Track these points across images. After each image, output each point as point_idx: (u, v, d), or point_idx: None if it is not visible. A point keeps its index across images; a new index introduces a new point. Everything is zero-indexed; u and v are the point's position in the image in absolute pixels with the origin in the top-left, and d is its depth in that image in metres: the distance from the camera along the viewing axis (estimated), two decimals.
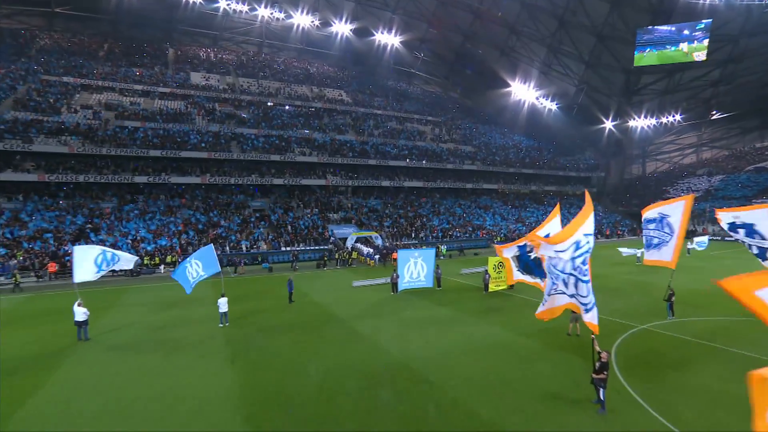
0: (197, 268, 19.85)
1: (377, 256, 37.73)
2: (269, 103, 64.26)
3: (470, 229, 53.72)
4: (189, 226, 41.19)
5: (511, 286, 24.90)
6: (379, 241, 43.00)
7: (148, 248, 36.11)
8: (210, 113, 57.33)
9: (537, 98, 75.91)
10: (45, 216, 38.93)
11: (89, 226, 38.16)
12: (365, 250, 39.54)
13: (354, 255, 40.09)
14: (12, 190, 41.60)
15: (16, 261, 31.73)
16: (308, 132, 59.54)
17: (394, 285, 25.65)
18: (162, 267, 33.80)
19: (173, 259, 34.60)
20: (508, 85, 75.70)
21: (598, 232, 59.40)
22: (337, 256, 39.47)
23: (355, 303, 23.62)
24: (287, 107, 65.17)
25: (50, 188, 43.44)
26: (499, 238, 51.04)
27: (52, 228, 37.15)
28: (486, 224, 56.68)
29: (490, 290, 25.40)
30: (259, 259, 38.15)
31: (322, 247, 41.92)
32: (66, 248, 33.53)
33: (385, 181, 58.43)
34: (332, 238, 43.60)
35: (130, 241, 36.37)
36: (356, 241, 42.82)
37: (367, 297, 25.01)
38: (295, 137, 56.96)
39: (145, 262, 33.73)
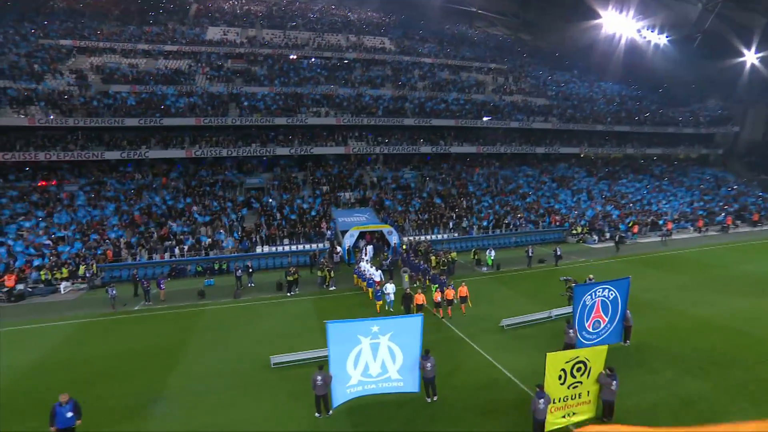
0: None
1: (377, 275, 20.55)
2: (292, 56, 50.84)
3: (539, 212, 36.70)
4: (150, 217, 30.15)
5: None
6: (393, 239, 28.58)
7: (71, 250, 25.55)
8: (217, 70, 45.56)
9: (639, 30, 53.35)
10: None
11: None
12: (363, 263, 23.27)
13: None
14: None
15: None
16: (332, 87, 45.36)
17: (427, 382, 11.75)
18: (65, 284, 22.91)
19: (87, 270, 23.71)
20: (598, 16, 53.74)
21: (739, 218, 38.77)
22: (311, 271, 25.50)
23: None
24: (313, 60, 51.27)
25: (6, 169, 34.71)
26: (578, 229, 33.77)
27: None
28: (560, 205, 39.01)
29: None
30: (219, 267, 25.98)
31: (307, 248, 28.52)
32: None
33: (425, 146, 42.96)
34: (329, 233, 29.96)
35: (49, 242, 26.01)
36: (359, 239, 28.91)
37: None
38: (313, 95, 43.22)
39: (42, 276, 22.99)
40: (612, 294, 13.99)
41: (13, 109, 34.80)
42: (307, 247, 28.98)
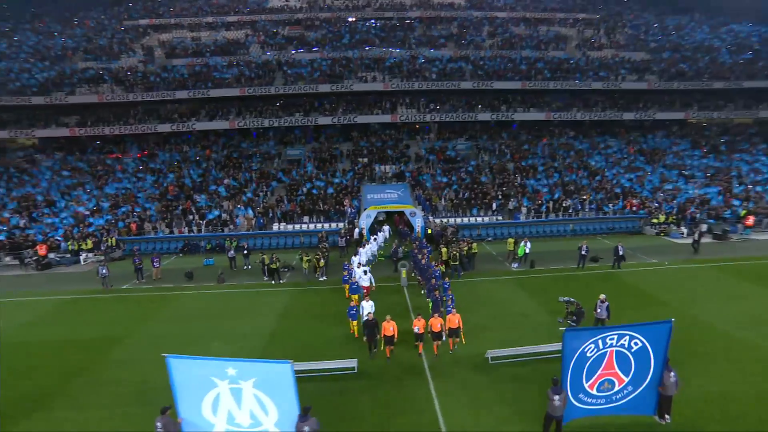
0: None
1: (366, 279, 15.91)
2: (350, 19, 47.23)
3: (612, 193, 29.14)
4: (181, 190, 29.93)
5: None
6: (418, 222, 24.44)
7: (99, 222, 26.10)
8: (273, 38, 43.89)
9: None
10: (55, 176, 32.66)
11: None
12: (364, 255, 19.14)
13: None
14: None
15: None
16: (385, 49, 40.95)
17: None
18: (85, 255, 23.25)
19: (102, 243, 23.88)
20: None
21: None
22: (300, 260, 19.97)
23: None
24: (372, 22, 47.03)
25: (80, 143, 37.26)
26: (661, 218, 25.94)
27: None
28: (643, 186, 30.59)
29: None
30: (235, 244, 24.42)
31: (326, 228, 25.57)
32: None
33: (484, 112, 36.90)
34: (350, 211, 26.74)
35: (87, 212, 26.89)
36: (376, 222, 25.27)
37: None
38: (364, 59, 39.36)
39: (69, 246, 23.62)
40: (637, 344, 8.84)
41: (87, 88, 36.89)
42: (326, 226, 26.29)
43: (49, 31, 46.21)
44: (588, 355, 8.81)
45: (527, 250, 19.91)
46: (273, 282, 18.97)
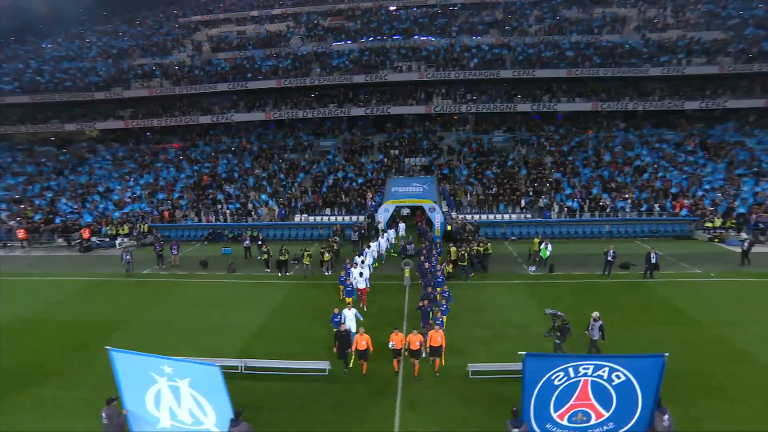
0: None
1: (362, 281, 14.91)
2: (392, 8, 46.25)
3: (657, 192, 25.95)
4: (214, 179, 31.02)
5: None
6: (437, 218, 23.32)
7: (135, 208, 27.71)
8: (313, 29, 44.08)
9: None
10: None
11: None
12: (371, 253, 18.21)
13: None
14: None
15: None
16: (424, 38, 39.61)
17: None
18: (120, 239, 24.76)
19: (134, 229, 25.31)
20: None
21: None
22: (304, 256, 18.37)
23: None
24: (414, 9, 45.71)
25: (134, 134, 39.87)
26: (716, 221, 22.64)
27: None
28: (699, 185, 26.86)
29: None
30: (251, 235, 24.88)
31: (346, 221, 25.20)
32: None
33: (524, 103, 34.55)
34: (371, 204, 26.14)
35: (129, 200, 28.67)
36: (399, 217, 24.46)
37: None
38: (401, 49, 38.34)
39: (109, 231, 25.27)
40: (620, 377, 7.50)
41: (141, 83, 39.31)
42: (347, 219, 25.98)
43: (114, 31, 49.83)
44: (556, 383, 7.62)
45: (548, 253, 18.19)
46: (279, 274, 18.98)
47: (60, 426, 9.58)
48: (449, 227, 23.11)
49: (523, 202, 25.38)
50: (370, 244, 19.27)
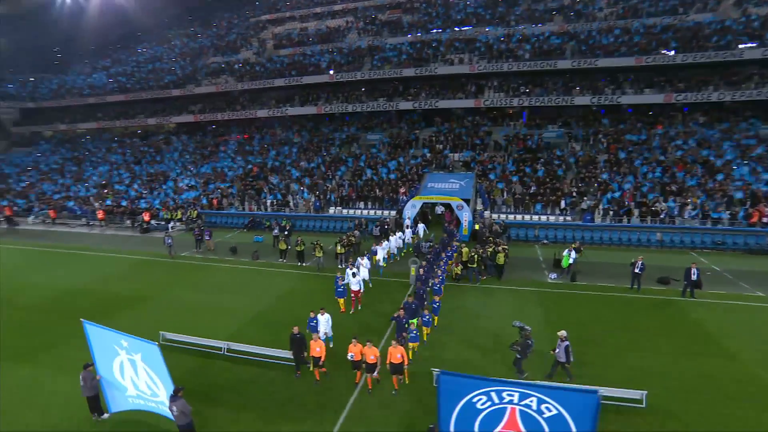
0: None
1: (355, 283, 14.57)
2: None
3: (729, 197, 22.08)
4: (262, 170, 32.76)
5: None
6: (465, 216, 22.34)
7: (189, 195, 30.24)
8: (371, 23, 44.34)
9: None
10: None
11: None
12: (381, 252, 18.18)
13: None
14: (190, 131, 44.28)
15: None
16: (478, 29, 37.95)
17: None
18: (172, 224, 27.22)
19: (183, 214, 27.63)
20: None
21: None
22: (315, 249, 18.74)
23: None
24: None
25: (201, 127, 43.45)
26: None
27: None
28: None
29: None
30: (287, 226, 25.89)
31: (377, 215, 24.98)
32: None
33: (583, 95, 31.60)
34: (402, 199, 25.74)
35: (186, 187, 31.39)
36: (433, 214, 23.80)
37: None
38: (456, 40, 37.19)
39: (165, 215, 27.96)
40: (550, 410, 6.62)
41: (210, 80, 42.69)
42: (378, 213, 25.99)
43: (194, 33, 54.58)
44: (479, 407, 6.93)
45: (571, 260, 16.51)
46: (299, 264, 19.61)
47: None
48: (477, 227, 22.03)
49: (563, 203, 23.28)
50: (383, 242, 19.05)
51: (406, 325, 11.41)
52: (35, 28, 53.19)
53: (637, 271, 15.00)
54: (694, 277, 14.38)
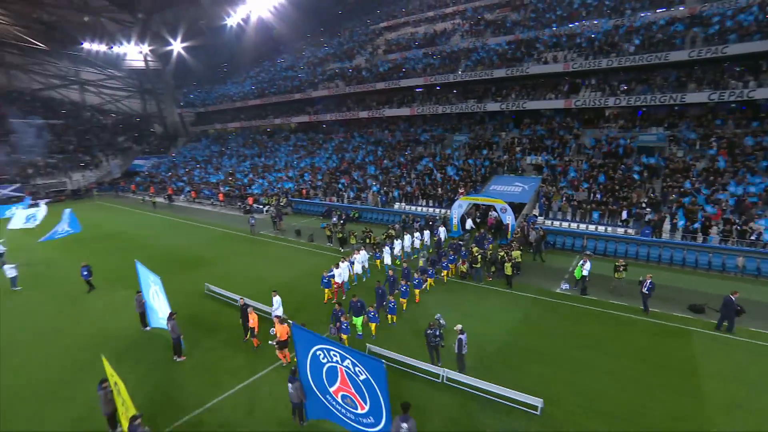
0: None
1: (338, 275, 16.04)
2: None
3: None
4: (350, 166, 36.50)
5: None
6: (507, 218, 21.94)
7: (286, 185, 35.56)
8: (476, 24, 44.56)
9: None
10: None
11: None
12: (397, 247, 19.30)
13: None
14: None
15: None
16: (587, 22, 35.19)
17: None
18: (267, 207, 32.68)
19: (281, 201, 32.79)
20: None
21: None
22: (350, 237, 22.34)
23: None
24: None
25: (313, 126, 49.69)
26: None
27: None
28: None
29: None
30: (356, 216, 29.15)
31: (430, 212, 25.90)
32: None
33: (699, 92, 26.96)
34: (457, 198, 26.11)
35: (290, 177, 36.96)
36: (468, 214, 23.89)
37: None
38: (555, 36, 35.37)
39: (264, 201, 33.77)
40: (361, 373, 7.77)
41: (324, 85, 48.50)
42: (437, 211, 27.08)
43: (320, 42, 62.05)
44: (322, 360, 8.44)
45: (585, 272, 15.31)
46: (341, 249, 22.33)
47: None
48: (517, 231, 21.45)
49: (624, 214, 20.73)
50: (395, 241, 19.71)
51: (341, 319, 12.41)
52: (211, 50, 67.72)
53: (645, 291, 13.33)
54: (738, 306, 12.14)
